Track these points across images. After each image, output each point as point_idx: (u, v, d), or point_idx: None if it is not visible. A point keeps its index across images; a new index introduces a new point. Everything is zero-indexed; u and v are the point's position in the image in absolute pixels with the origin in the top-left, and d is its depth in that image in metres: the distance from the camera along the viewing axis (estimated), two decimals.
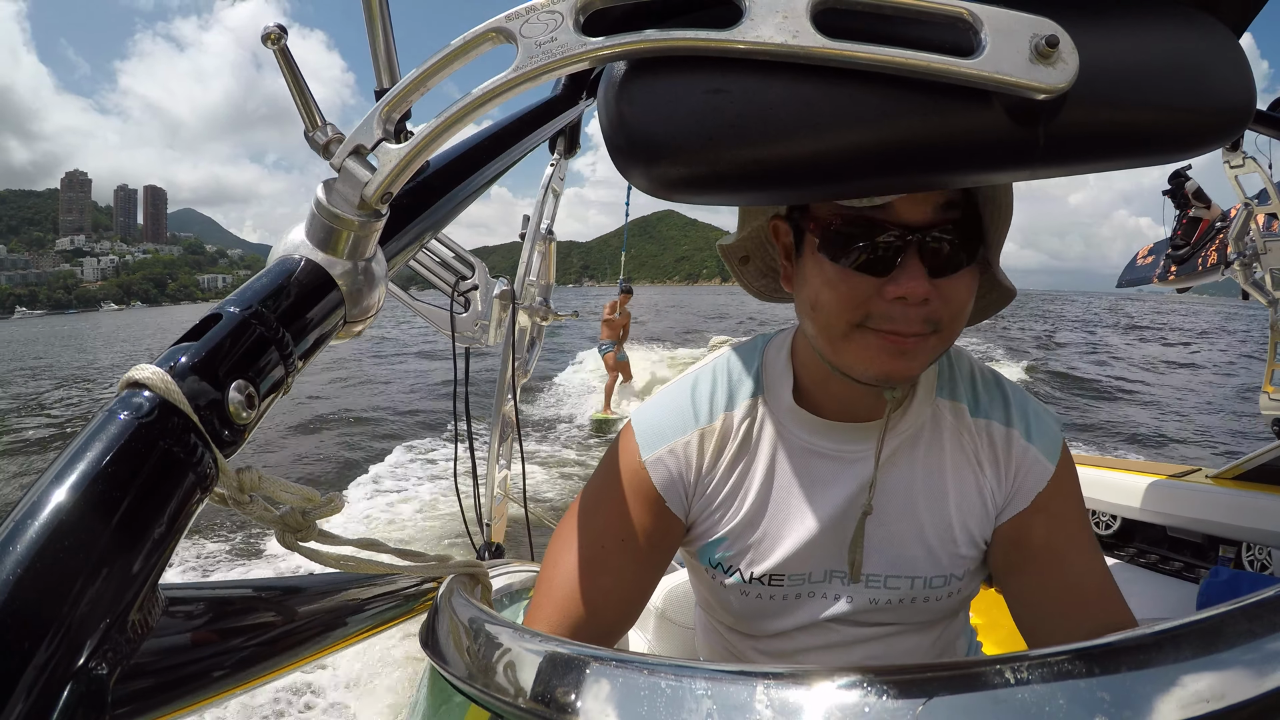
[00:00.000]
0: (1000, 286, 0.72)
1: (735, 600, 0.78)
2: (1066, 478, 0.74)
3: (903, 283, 0.59)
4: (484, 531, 1.70)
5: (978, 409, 0.75)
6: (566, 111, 0.79)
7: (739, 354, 0.81)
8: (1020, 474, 0.73)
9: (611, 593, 0.73)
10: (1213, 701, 0.30)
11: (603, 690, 0.38)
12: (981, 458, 0.74)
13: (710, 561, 0.77)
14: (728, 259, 0.81)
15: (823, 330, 0.64)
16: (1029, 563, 0.73)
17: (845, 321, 0.62)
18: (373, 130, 0.46)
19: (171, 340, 0.38)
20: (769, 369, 0.77)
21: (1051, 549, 0.72)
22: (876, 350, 0.62)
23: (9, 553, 0.29)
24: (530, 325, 1.76)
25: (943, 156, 0.50)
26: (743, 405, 0.76)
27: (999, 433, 0.74)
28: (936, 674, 0.33)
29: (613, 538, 0.74)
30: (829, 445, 0.74)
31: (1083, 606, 0.69)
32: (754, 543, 0.75)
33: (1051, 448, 0.74)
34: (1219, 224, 2.64)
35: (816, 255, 0.63)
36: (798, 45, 0.44)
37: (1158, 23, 0.52)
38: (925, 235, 0.59)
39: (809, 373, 0.74)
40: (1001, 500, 0.74)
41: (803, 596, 0.76)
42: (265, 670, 0.47)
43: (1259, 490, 2.01)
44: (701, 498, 0.76)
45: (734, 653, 0.86)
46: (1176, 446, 7.81)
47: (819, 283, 0.63)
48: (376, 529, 5.11)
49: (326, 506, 0.44)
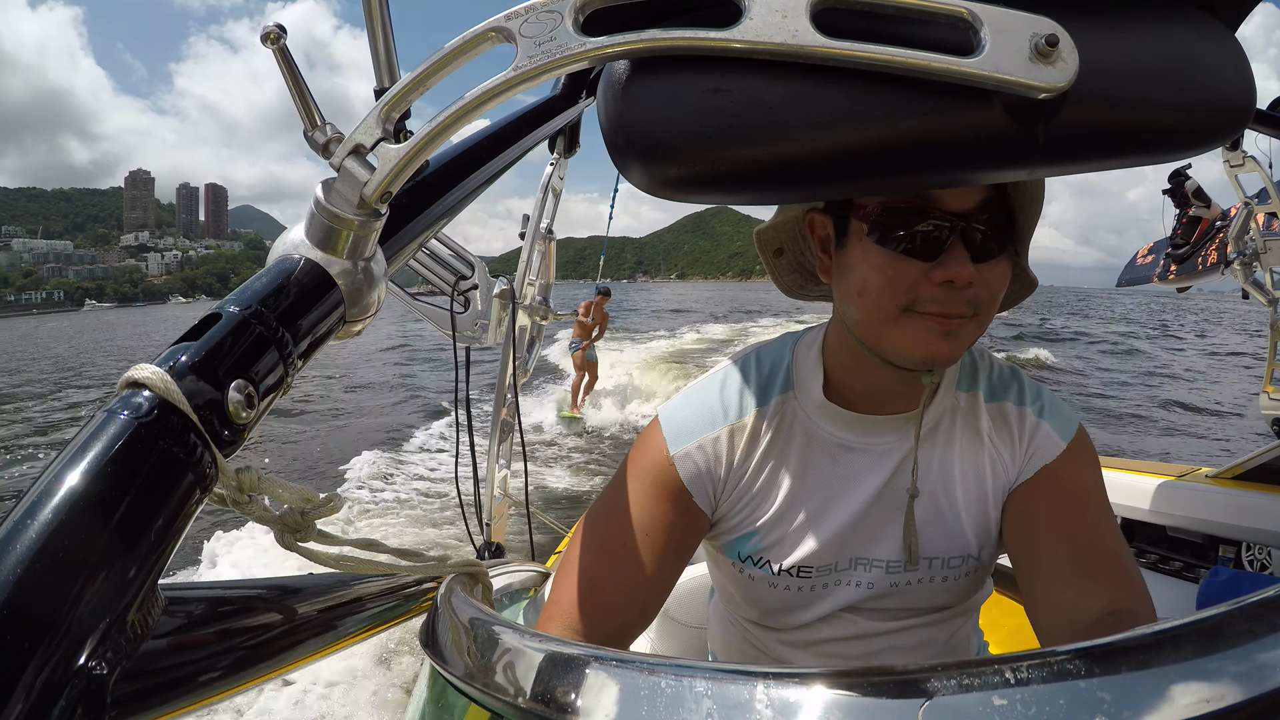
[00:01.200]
0: (1024, 277, 0.74)
1: (763, 594, 0.79)
2: (1080, 458, 0.75)
3: (950, 267, 0.61)
4: (484, 531, 1.70)
5: (992, 395, 0.78)
6: (566, 111, 0.79)
7: (769, 351, 0.82)
8: (1031, 447, 0.75)
9: (634, 588, 0.74)
10: (1213, 701, 0.30)
11: (603, 690, 0.38)
12: (995, 437, 0.76)
13: (739, 556, 0.79)
14: (762, 250, 0.83)
15: (870, 315, 0.66)
16: (1034, 535, 0.73)
17: (894, 305, 0.64)
18: (372, 130, 0.45)
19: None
20: (799, 366, 0.79)
21: (1057, 522, 0.72)
22: (924, 333, 0.64)
23: (9, 552, 0.29)
24: (530, 324, 1.76)
25: (942, 155, 0.50)
26: (774, 402, 0.77)
27: (1012, 411, 0.77)
28: (936, 674, 0.33)
29: (636, 532, 0.75)
30: (859, 439, 0.76)
31: (1088, 580, 0.68)
32: (784, 537, 0.76)
33: (1064, 428, 0.76)
34: (1219, 223, 2.64)
35: (865, 242, 0.65)
36: (797, 45, 0.44)
37: (1158, 22, 0.52)
38: (969, 222, 0.62)
39: (841, 367, 0.76)
40: (1015, 474, 0.76)
41: (829, 586, 0.78)
42: (265, 670, 0.47)
43: (1259, 490, 2.01)
44: (731, 493, 0.77)
45: (755, 645, 0.87)
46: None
47: (868, 268, 0.64)
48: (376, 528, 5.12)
49: (325, 507, 0.44)
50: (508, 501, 1.85)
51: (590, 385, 8.96)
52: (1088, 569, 0.69)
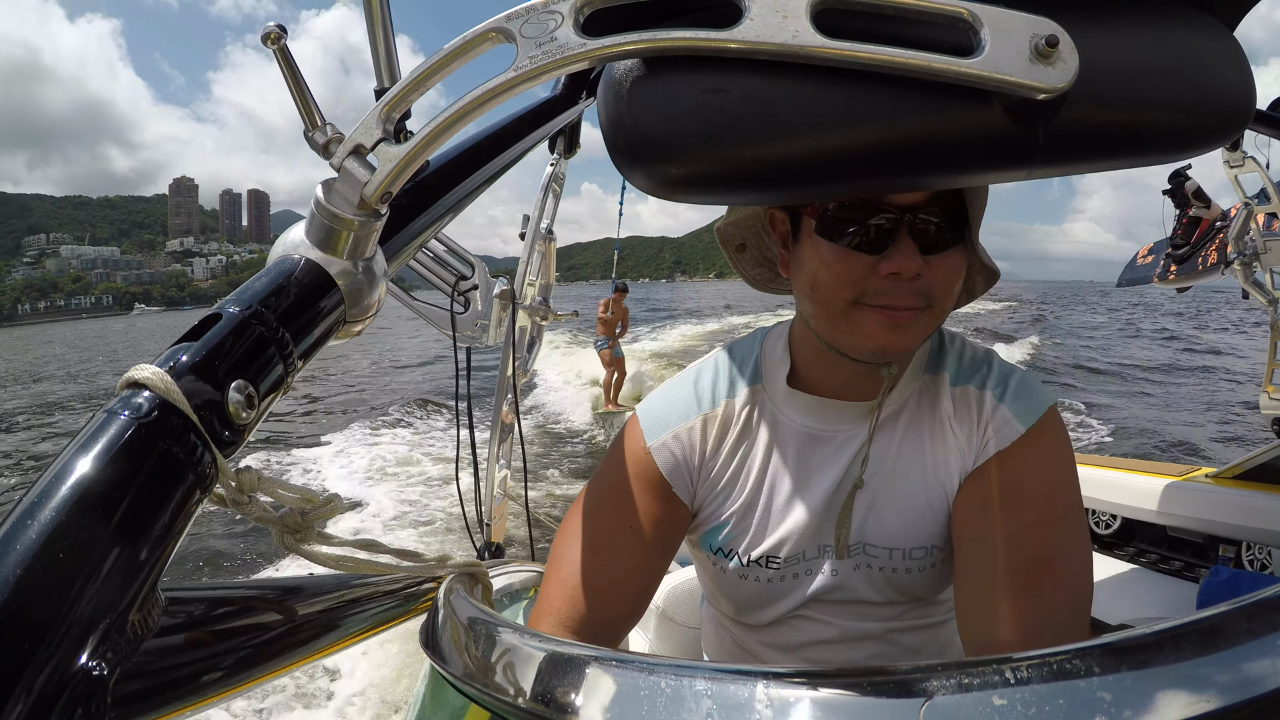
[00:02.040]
0: (986, 268, 0.73)
1: (734, 586, 0.79)
2: (1039, 446, 0.70)
3: (896, 259, 0.62)
4: (484, 531, 1.70)
5: (958, 378, 0.76)
6: (566, 111, 0.79)
7: (739, 346, 0.84)
8: (988, 433, 0.72)
9: (622, 582, 0.74)
10: (1213, 701, 0.30)
11: (603, 690, 0.38)
12: (955, 421, 0.74)
13: (711, 548, 0.79)
14: (725, 246, 0.83)
15: (821, 309, 0.67)
16: (964, 533, 0.70)
17: (843, 299, 0.65)
18: (372, 130, 0.46)
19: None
20: (767, 357, 0.80)
21: (1003, 519, 0.67)
22: (873, 325, 0.64)
23: (9, 553, 0.29)
24: (530, 325, 1.76)
25: (942, 156, 0.50)
26: (743, 393, 0.78)
27: (974, 395, 0.74)
28: (936, 674, 0.33)
29: (621, 526, 0.75)
30: (822, 426, 0.76)
31: (1005, 598, 0.62)
32: (751, 526, 0.77)
33: (1027, 413, 0.71)
34: (1219, 223, 2.64)
35: (814, 237, 0.65)
36: (797, 45, 0.44)
37: (1157, 22, 0.52)
38: (916, 215, 0.62)
39: (804, 356, 0.77)
40: (971, 460, 0.73)
41: (799, 576, 0.78)
42: (265, 671, 0.47)
43: (1259, 490, 2.01)
44: (705, 483, 0.78)
45: (739, 646, 0.87)
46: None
47: (817, 263, 0.65)
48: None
49: (325, 507, 0.44)
50: (507, 502, 1.85)
51: (620, 380, 9.06)
52: (1014, 586, 0.63)
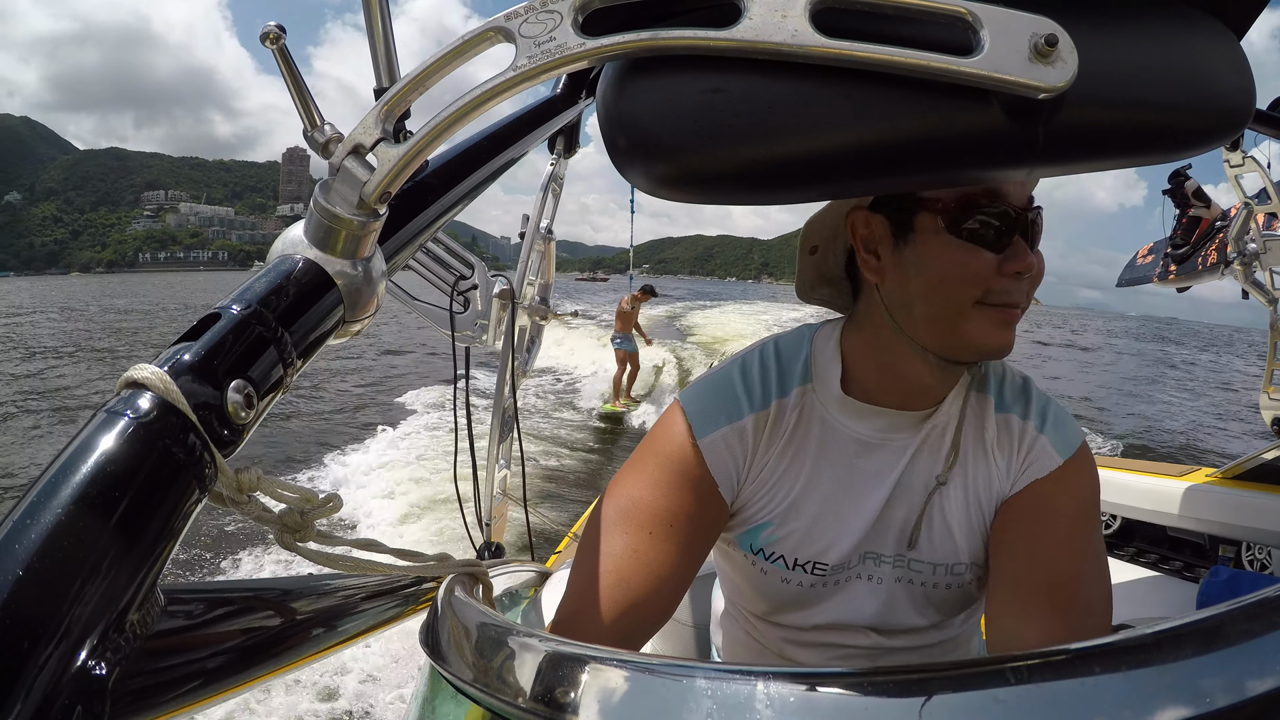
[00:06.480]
0: None
1: (776, 588, 0.78)
2: (1076, 479, 0.74)
3: (1023, 257, 0.64)
4: (484, 531, 1.69)
5: (1002, 404, 0.77)
6: (566, 111, 0.79)
7: (785, 342, 0.81)
8: (1027, 461, 0.74)
9: (662, 580, 0.71)
10: (1213, 701, 0.30)
11: (603, 690, 0.38)
12: (997, 448, 0.76)
13: (751, 548, 0.78)
14: (803, 243, 0.80)
15: (944, 310, 0.66)
16: (1002, 552, 0.73)
17: (970, 298, 0.65)
18: (372, 130, 0.45)
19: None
20: (817, 358, 0.78)
21: (1027, 543, 0.71)
22: (995, 324, 0.65)
23: (8, 553, 0.29)
24: (529, 324, 1.76)
25: (942, 155, 0.50)
26: (794, 393, 0.77)
27: (1016, 424, 0.76)
28: (936, 674, 0.33)
29: (662, 523, 0.72)
30: (875, 434, 0.75)
31: (1035, 607, 0.67)
32: (800, 530, 0.76)
33: (1064, 445, 0.74)
34: (1219, 223, 2.64)
35: (943, 235, 0.65)
36: (797, 44, 0.44)
37: (1158, 23, 0.52)
38: (1028, 213, 0.64)
39: (864, 366, 0.75)
40: (1008, 486, 0.75)
41: (841, 583, 0.77)
42: (265, 670, 0.47)
43: (1259, 490, 2.01)
44: (751, 483, 0.76)
45: (759, 643, 0.86)
46: None
47: (946, 262, 0.65)
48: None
49: (325, 507, 0.44)
50: (507, 501, 1.85)
51: (633, 375, 9.18)
52: (1043, 598, 0.68)
